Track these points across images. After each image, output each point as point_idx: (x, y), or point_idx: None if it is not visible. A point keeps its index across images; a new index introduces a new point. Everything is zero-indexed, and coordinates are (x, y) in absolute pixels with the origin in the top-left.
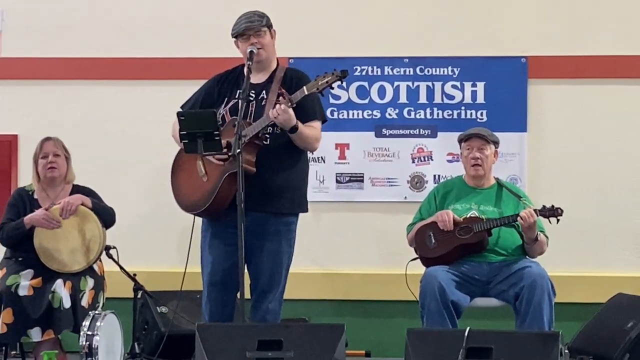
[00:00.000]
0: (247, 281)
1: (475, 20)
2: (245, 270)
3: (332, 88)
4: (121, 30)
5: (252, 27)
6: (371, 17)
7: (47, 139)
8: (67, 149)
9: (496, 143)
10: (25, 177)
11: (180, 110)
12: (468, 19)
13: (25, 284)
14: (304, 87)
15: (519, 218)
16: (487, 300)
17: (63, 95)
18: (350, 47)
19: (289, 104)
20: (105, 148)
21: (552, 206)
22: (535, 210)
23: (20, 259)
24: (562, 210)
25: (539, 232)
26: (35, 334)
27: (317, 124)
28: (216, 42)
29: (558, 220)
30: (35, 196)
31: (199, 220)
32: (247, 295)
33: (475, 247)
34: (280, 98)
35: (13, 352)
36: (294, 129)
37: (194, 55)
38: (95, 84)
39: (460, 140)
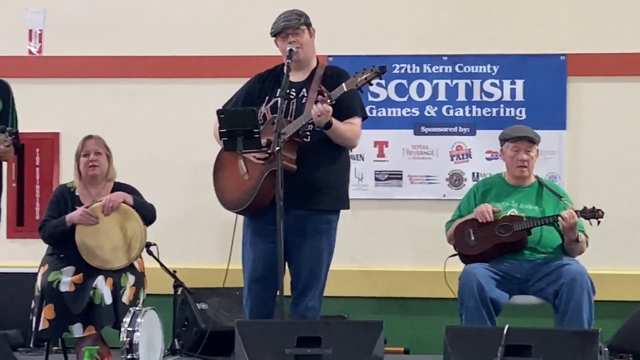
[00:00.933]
0: (287, 278)
1: (514, 17)
2: (286, 268)
3: (371, 84)
4: (161, 29)
5: (290, 25)
6: (410, 15)
7: (89, 137)
8: (109, 147)
9: (539, 142)
10: (66, 174)
11: (221, 108)
12: (507, 16)
13: (66, 280)
14: (343, 84)
15: (560, 218)
16: (526, 297)
17: (104, 93)
18: (390, 45)
19: (328, 100)
20: (146, 145)
21: (593, 208)
22: (576, 211)
23: (61, 255)
24: (603, 212)
25: (579, 233)
26: (77, 330)
27: (356, 121)
28: (257, 41)
29: (599, 222)
30: (77, 193)
31: (240, 218)
32: (288, 292)
33: (515, 246)
34: (319, 96)
35: (55, 348)
36: (328, 124)
37: (234, 54)
38: (135, 82)
39: (504, 139)
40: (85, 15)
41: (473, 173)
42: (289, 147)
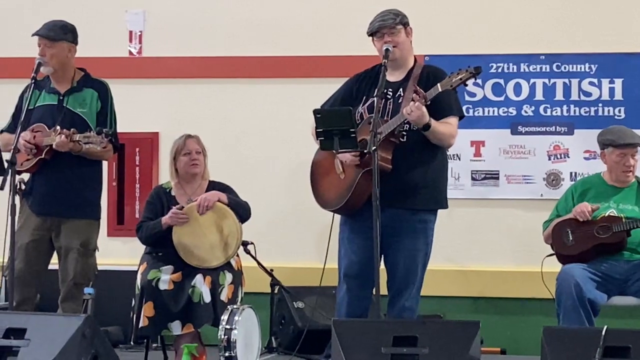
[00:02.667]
0: (383, 277)
1: (613, 15)
2: (383, 266)
3: (466, 85)
4: (260, 29)
5: (385, 25)
6: (507, 14)
7: (189, 136)
8: (204, 146)
9: None
10: (166, 173)
11: (317, 108)
12: (605, 14)
13: (165, 278)
14: (438, 85)
15: None
16: (625, 298)
17: (203, 93)
18: (486, 44)
19: (423, 101)
20: (243, 145)
21: None
22: None
23: (160, 254)
24: None
25: None
26: (176, 328)
27: (453, 120)
28: (354, 40)
29: None
30: (173, 193)
31: (338, 217)
32: (384, 291)
33: (613, 247)
34: (414, 95)
35: (154, 345)
36: (427, 126)
37: (332, 53)
38: (234, 82)
39: (608, 144)
40: (185, 15)
41: (571, 173)
42: (384, 146)
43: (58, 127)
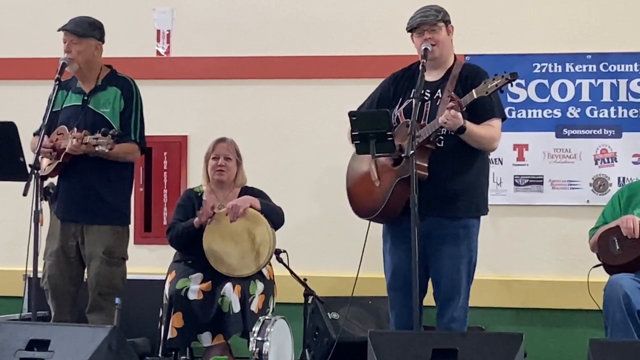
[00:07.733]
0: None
1: None
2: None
3: (502, 92)
4: (293, 28)
5: (426, 21)
6: (552, 12)
7: (222, 139)
8: (240, 152)
9: None
10: (195, 178)
11: (353, 110)
12: None
13: (195, 287)
14: (473, 91)
15: None
16: None
17: (234, 95)
18: (530, 44)
19: (459, 108)
20: (276, 148)
21: None
22: None
23: (189, 262)
24: None
25: None
26: (205, 339)
27: (495, 122)
28: (392, 40)
29: None
30: (204, 197)
31: (373, 225)
32: (428, 301)
33: None
34: (450, 102)
35: (183, 357)
36: (462, 129)
37: (368, 53)
38: (266, 83)
39: None
40: (215, 14)
41: (619, 178)
42: (420, 153)
43: (75, 129)
